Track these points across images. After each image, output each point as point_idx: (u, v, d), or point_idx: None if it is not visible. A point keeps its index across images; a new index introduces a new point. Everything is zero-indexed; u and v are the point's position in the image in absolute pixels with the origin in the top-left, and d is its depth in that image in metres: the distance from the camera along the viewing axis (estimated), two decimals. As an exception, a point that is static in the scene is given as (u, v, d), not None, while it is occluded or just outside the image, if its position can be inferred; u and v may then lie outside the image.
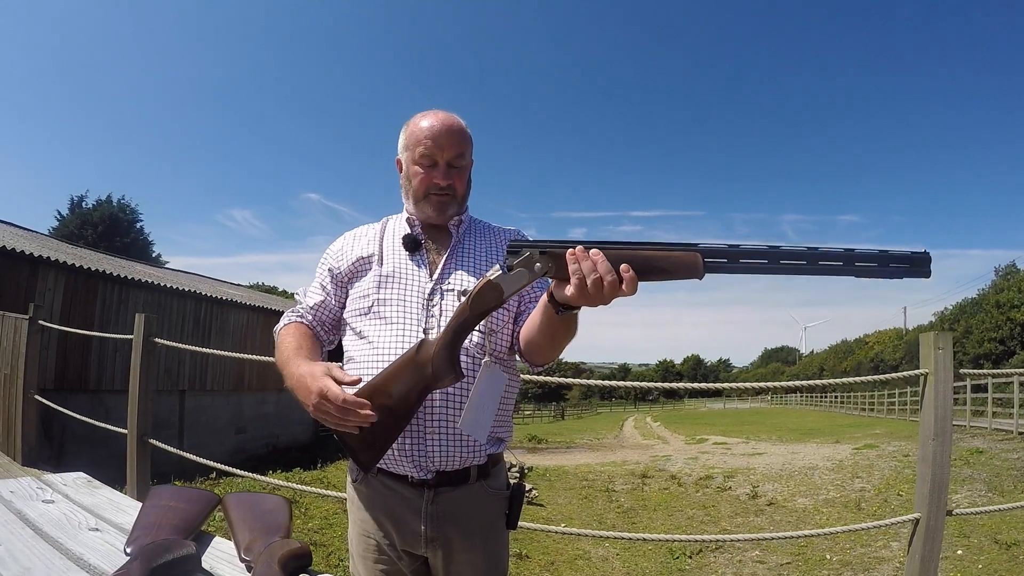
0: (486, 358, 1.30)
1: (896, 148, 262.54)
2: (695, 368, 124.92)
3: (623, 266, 1.04)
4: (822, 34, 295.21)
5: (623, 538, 6.78)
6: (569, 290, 1.08)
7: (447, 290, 1.40)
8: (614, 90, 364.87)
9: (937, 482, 2.65)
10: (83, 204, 34.05)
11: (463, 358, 1.30)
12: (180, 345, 4.26)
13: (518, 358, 1.47)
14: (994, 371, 10.60)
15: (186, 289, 14.30)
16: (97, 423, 4.58)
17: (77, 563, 1.00)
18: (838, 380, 3.28)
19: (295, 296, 1.59)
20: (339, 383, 1.16)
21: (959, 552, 5.88)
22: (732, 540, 4.64)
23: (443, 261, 1.45)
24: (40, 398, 4.94)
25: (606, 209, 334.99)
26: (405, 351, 1.24)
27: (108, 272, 12.33)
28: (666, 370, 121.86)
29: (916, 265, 0.99)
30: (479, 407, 1.26)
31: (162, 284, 13.65)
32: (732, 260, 1.02)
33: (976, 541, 6.10)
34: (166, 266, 28.42)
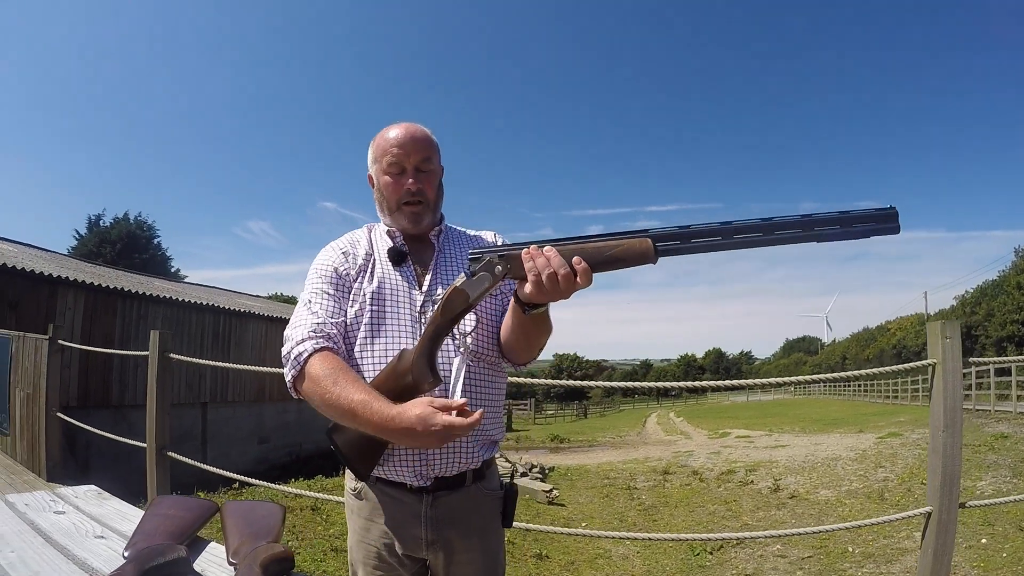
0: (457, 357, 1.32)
1: (912, 130, 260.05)
2: (717, 361, 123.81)
3: (575, 259, 1.09)
4: (833, 20, 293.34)
5: (629, 538, 6.77)
6: (527, 287, 1.13)
7: (438, 299, 1.39)
8: (626, 85, 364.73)
9: (948, 474, 2.62)
10: (100, 222, 34.56)
11: (445, 364, 1.34)
12: (196, 360, 4.34)
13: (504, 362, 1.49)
14: (1008, 359, 10.34)
15: (204, 303, 14.53)
16: (116, 437, 4.69)
17: (82, 567, 1.07)
18: (850, 373, 3.25)
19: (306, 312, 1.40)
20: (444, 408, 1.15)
21: (983, 541, 5.80)
22: (740, 538, 4.62)
23: (430, 274, 1.46)
24: (62, 416, 5.05)
25: (622, 205, 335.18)
26: (387, 363, 1.28)
27: (126, 289, 12.59)
28: (688, 364, 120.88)
29: (882, 222, 0.98)
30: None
31: (180, 299, 13.89)
32: (684, 240, 1.05)
33: (1001, 529, 6.02)
34: (185, 280, 28.79)
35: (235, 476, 3.81)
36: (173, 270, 35.38)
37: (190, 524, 1.16)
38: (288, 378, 1.33)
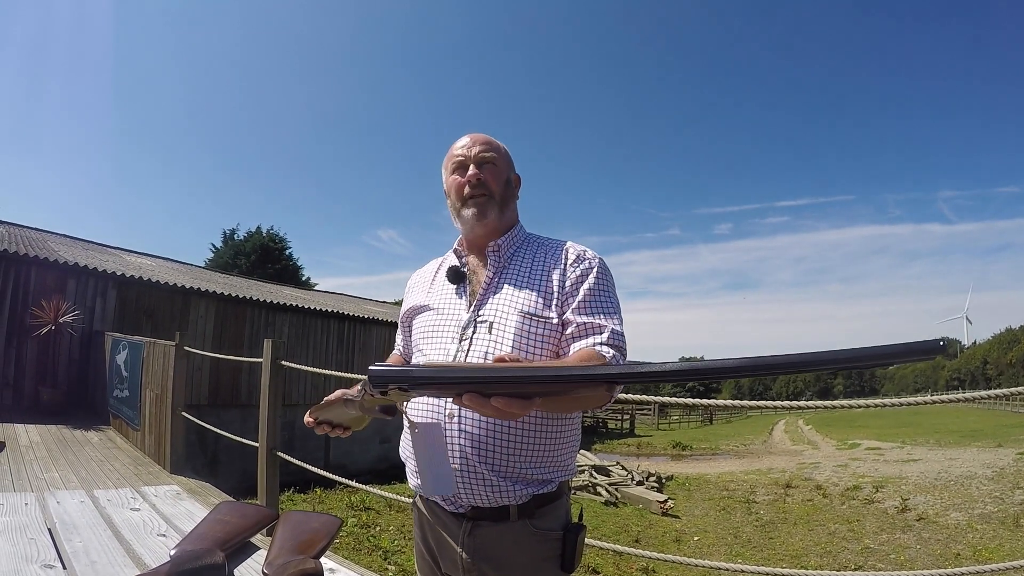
0: (406, 421, 1.24)
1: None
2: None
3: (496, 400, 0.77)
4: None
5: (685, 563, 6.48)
6: None
7: (480, 321, 1.37)
8: (750, 77, 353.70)
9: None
10: (235, 236, 36.85)
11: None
12: (303, 367, 4.57)
13: None
14: None
15: (329, 310, 15.36)
16: (233, 436, 5.08)
17: (136, 562, 1.15)
18: (974, 393, 2.94)
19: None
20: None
21: None
22: None
23: (481, 291, 1.42)
24: (186, 414, 5.46)
25: (750, 201, 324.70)
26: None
27: (255, 298, 13.57)
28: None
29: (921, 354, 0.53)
30: (429, 465, 1.21)
31: (306, 306, 14.72)
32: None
33: None
34: (315, 288, 30.39)
35: (329, 474, 4.01)
36: (304, 279, 37.05)
37: (242, 531, 1.20)
38: None
